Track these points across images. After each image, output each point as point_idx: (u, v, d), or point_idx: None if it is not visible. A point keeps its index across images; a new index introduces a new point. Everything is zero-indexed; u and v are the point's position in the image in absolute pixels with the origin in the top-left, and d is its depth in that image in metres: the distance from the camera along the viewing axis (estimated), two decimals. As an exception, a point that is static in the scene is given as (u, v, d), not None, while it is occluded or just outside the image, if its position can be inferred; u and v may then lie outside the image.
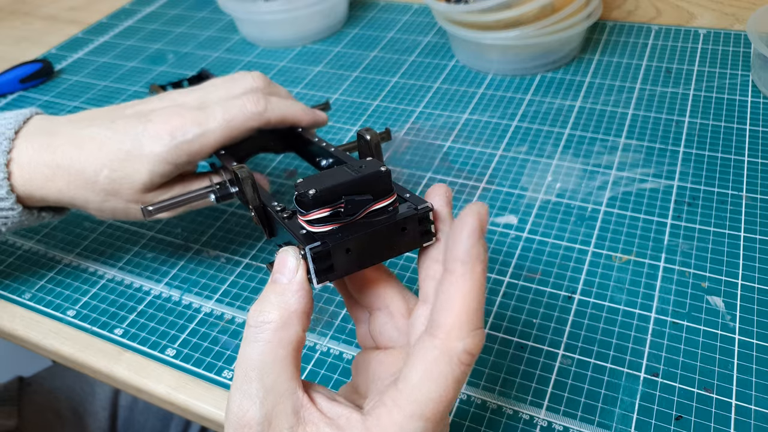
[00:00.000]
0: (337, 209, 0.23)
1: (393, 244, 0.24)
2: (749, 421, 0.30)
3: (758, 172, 0.44)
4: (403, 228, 0.24)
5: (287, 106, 0.35)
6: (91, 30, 0.76)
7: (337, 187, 0.23)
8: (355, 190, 0.24)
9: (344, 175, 0.24)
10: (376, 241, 0.24)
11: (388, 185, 0.24)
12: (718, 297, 0.36)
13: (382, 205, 0.24)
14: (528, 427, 0.31)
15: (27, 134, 0.34)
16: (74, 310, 0.40)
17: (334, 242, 0.23)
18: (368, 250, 0.24)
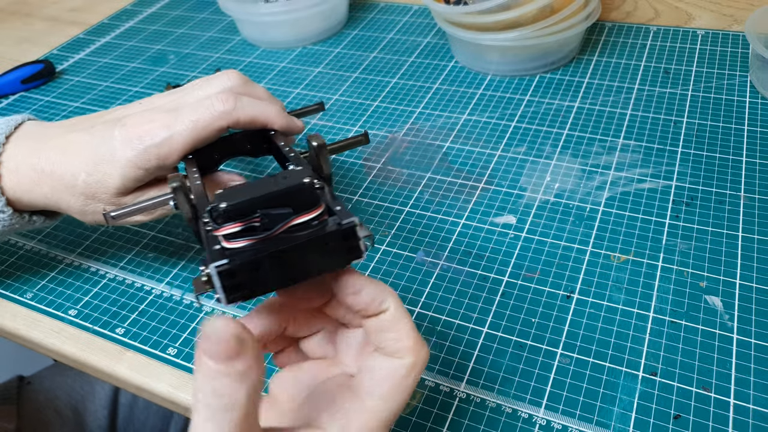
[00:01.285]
0: (252, 223, 0.22)
1: (316, 262, 0.22)
2: (747, 420, 0.30)
3: (756, 173, 0.44)
4: (325, 244, 0.22)
5: (259, 107, 0.34)
6: (92, 31, 0.76)
7: (253, 201, 0.22)
8: (274, 203, 0.22)
9: (265, 187, 0.22)
10: (295, 257, 0.22)
11: (312, 198, 0.22)
12: (717, 296, 0.36)
13: (304, 219, 0.22)
14: (527, 426, 0.31)
15: (17, 139, 0.35)
16: (76, 309, 0.40)
17: (243, 259, 0.21)
18: (287, 267, 0.22)
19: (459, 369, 0.34)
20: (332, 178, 0.29)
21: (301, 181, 0.22)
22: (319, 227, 0.22)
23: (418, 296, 0.38)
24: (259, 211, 0.22)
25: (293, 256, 0.22)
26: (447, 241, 0.42)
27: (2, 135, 0.35)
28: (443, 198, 0.45)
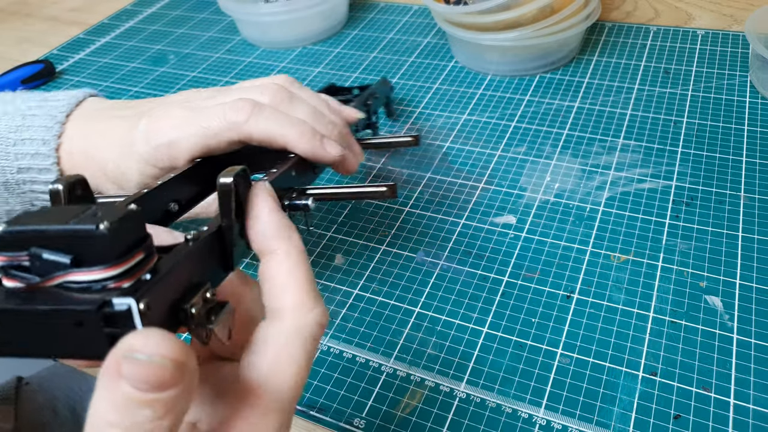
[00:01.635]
0: (20, 261, 0.17)
1: (65, 340, 0.16)
2: (747, 420, 0.30)
3: (756, 173, 0.44)
4: (78, 323, 0.16)
5: (277, 124, 0.30)
6: (92, 31, 0.76)
7: (34, 233, 0.16)
8: (59, 244, 0.16)
9: (61, 218, 0.17)
10: (35, 326, 0.16)
11: (106, 252, 0.16)
12: (717, 296, 0.36)
13: (81, 278, 0.16)
14: (527, 426, 0.31)
15: (75, 119, 0.34)
16: (75, 309, 0.40)
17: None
18: (27, 334, 0.16)
19: (459, 369, 0.34)
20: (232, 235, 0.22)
21: (95, 227, 0.16)
22: (90, 294, 0.16)
23: (418, 296, 0.38)
24: (32, 250, 0.16)
25: (35, 323, 0.16)
26: (447, 241, 0.42)
27: (63, 114, 0.33)
28: (443, 198, 0.45)
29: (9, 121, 0.33)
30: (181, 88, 0.62)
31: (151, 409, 0.15)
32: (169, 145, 0.30)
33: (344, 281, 0.40)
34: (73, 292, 0.16)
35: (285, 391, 0.19)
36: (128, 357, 0.15)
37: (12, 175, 0.33)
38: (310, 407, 0.33)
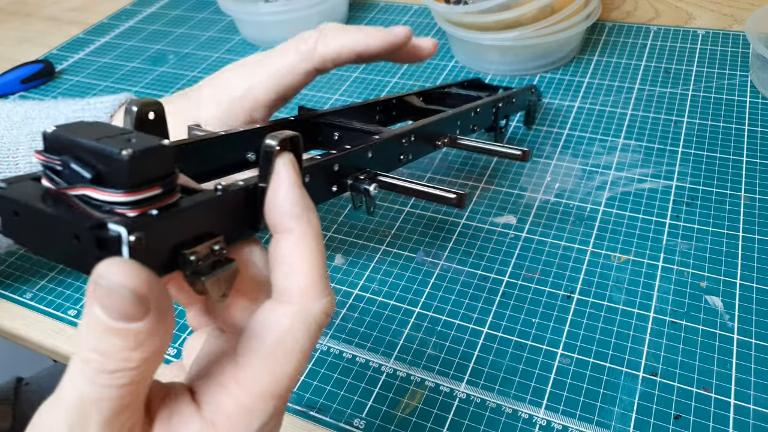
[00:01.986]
0: (54, 165, 0.18)
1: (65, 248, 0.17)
2: (748, 421, 0.30)
3: (756, 172, 0.44)
4: (75, 236, 0.16)
5: (345, 34, 0.31)
6: (92, 30, 0.76)
7: (70, 142, 0.17)
8: (87, 157, 0.17)
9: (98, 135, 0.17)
10: (45, 227, 0.17)
11: (122, 178, 0.17)
12: (717, 297, 0.36)
13: (94, 195, 0.17)
14: (527, 426, 0.31)
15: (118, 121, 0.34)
16: (75, 309, 0.40)
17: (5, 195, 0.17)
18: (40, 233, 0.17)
19: (459, 369, 0.34)
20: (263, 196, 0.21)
21: (119, 151, 0.16)
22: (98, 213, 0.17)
23: (418, 296, 0.38)
24: (64, 158, 0.17)
25: (45, 225, 0.17)
26: (447, 241, 0.42)
27: (108, 114, 0.34)
28: (443, 198, 0.45)
29: (53, 122, 0.33)
30: (180, 88, 0.62)
31: (120, 339, 0.15)
32: (244, 97, 0.30)
33: (344, 281, 0.40)
34: (88, 207, 0.17)
35: (284, 377, 0.18)
36: (95, 282, 0.15)
37: None
38: (309, 407, 0.33)
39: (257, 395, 0.18)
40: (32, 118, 0.34)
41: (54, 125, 0.18)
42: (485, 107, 0.41)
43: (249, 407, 0.18)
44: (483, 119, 0.41)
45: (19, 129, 0.33)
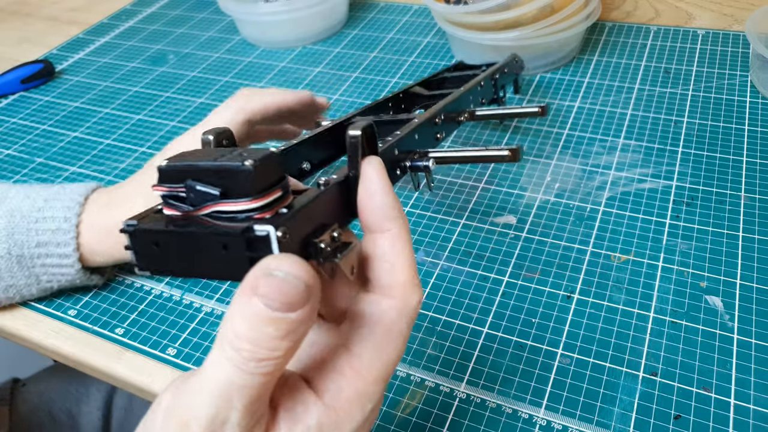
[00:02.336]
0: (177, 192, 0.19)
1: (216, 262, 0.18)
2: (748, 420, 0.30)
3: (756, 172, 0.44)
4: (224, 246, 0.18)
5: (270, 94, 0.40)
6: (92, 31, 0.76)
7: (188, 168, 0.19)
8: (208, 178, 0.18)
9: (209, 157, 0.19)
10: (189, 247, 0.18)
11: (250, 187, 0.18)
12: (717, 297, 0.36)
13: (228, 208, 0.18)
14: (527, 426, 0.31)
15: (91, 201, 0.38)
16: (75, 309, 0.40)
17: (143, 228, 0.19)
18: (183, 255, 0.19)
19: (459, 369, 0.34)
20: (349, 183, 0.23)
21: (239, 164, 0.18)
22: (235, 223, 0.18)
23: (418, 296, 0.38)
24: (187, 182, 0.19)
25: (191, 246, 0.18)
26: (447, 241, 0.42)
27: (81, 196, 0.38)
28: (443, 198, 0.45)
29: (32, 203, 0.37)
30: (180, 88, 0.62)
31: (275, 328, 0.17)
32: None
33: (344, 281, 0.40)
34: (221, 221, 0.18)
35: (391, 362, 0.21)
36: (267, 274, 0.17)
37: (29, 249, 0.36)
38: (310, 407, 0.33)
39: (371, 380, 0.20)
40: (10, 198, 0.37)
41: (164, 160, 0.20)
42: (486, 80, 0.44)
43: (364, 391, 0.20)
44: (487, 92, 0.45)
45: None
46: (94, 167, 0.52)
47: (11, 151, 0.56)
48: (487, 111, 0.41)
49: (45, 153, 0.55)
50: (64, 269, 0.37)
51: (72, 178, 0.51)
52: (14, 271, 0.37)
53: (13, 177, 0.52)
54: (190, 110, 0.58)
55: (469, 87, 0.41)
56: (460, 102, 0.39)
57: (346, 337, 0.21)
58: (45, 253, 0.36)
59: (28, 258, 0.36)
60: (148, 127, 0.57)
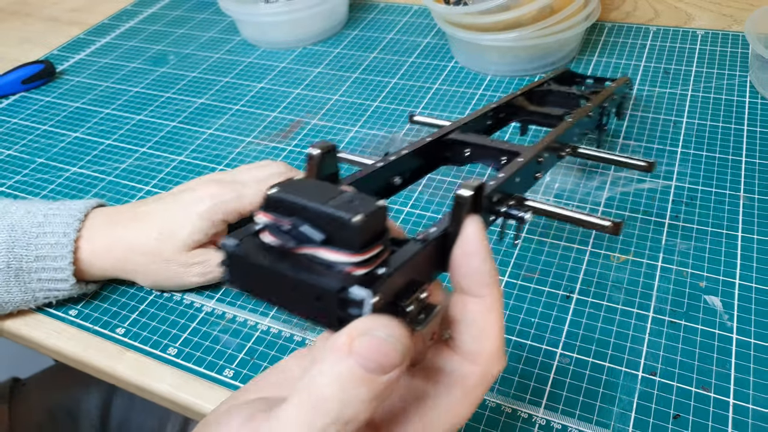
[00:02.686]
0: (282, 224, 0.19)
1: (307, 305, 0.19)
2: (747, 420, 0.30)
3: (756, 173, 0.44)
4: (317, 297, 0.18)
5: None
6: (92, 31, 0.76)
7: (296, 205, 0.19)
8: (315, 219, 0.19)
9: (321, 196, 0.19)
10: (283, 284, 0.19)
11: (353, 241, 0.18)
12: (716, 296, 0.36)
13: (327, 257, 0.18)
14: (527, 426, 0.31)
15: (93, 217, 0.39)
16: (76, 309, 0.40)
17: (241, 254, 0.19)
18: (275, 288, 0.19)
19: (459, 369, 0.34)
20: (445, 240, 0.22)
21: (344, 216, 0.18)
22: (331, 274, 0.18)
23: (418, 296, 0.38)
24: (293, 219, 0.19)
25: (282, 283, 0.19)
26: (447, 241, 0.42)
27: (82, 212, 0.39)
28: (443, 198, 0.45)
29: (32, 218, 0.38)
30: (181, 89, 0.62)
31: (367, 389, 0.17)
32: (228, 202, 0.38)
33: (344, 281, 0.40)
34: (317, 265, 0.19)
35: (457, 424, 0.21)
36: (366, 334, 0.17)
37: (28, 263, 0.37)
38: (310, 407, 0.33)
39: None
40: (11, 213, 0.38)
41: (275, 185, 0.20)
42: (595, 110, 0.41)
43: None
44: (593, 121, 0.42)
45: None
46: (94, 167, 0.53)
47: (12, 151, 0.56)
48: (591, 151, 0.37)
49: (46, 153, 0.55)
50: (59, 284, 0.38)
51: (72, 178, 0.52)
52: (11, 286, 0.37)
53: (14, 177, 0.52)
54: (191, 111, 0.59)
55: (578, 118, 0.38)
56: (566, 136, 0.36)
57: (421, 390, 0.21)
58: (42, 267, 0.37)
59: (26, 272, 0.37)
60: (149, 128, 0.57)
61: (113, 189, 0.50)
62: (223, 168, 0.51)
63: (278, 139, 0.53)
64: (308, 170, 0.24)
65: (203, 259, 0.38)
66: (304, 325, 0.37)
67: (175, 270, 0.38)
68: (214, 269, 0.38)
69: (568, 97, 0.45)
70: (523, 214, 0.28)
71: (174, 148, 0.54)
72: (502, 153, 0.32)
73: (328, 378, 0.17)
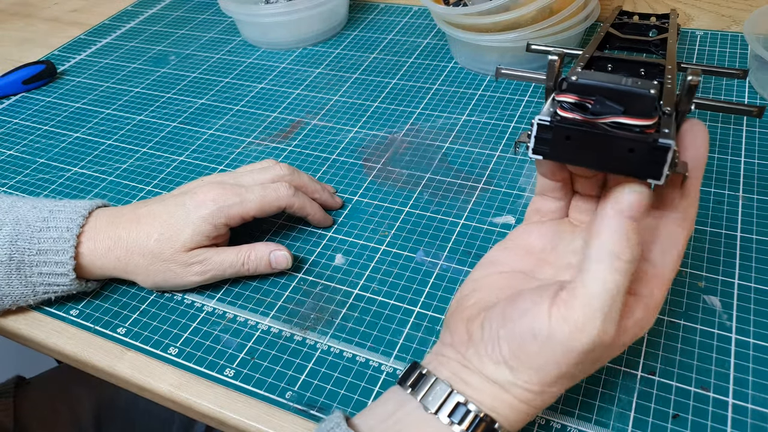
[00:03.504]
0: (585, 103, 0.25)
1: (614, 159, 0.24)
2: (746, 420, 0.30)
3: (754, 173, 0.44)
4: (630, 149, 0.24)
5: (309, 205, 0.42)
6: (93, 32, 0.76)
7: (597, 87, 0.24)
8: (613, 97, 0.24)
9: (614, 80, 0.24)
10: (600, 146, 0.24)
11: (647, 108, 0.24)
12: (715, 296, 0.36)
13: (629, 122, 0.24)
14: (526, 426, 0.31)
15: (95, 217, 0.40)
16: (77, 309, 0.40)
17: (560, 125, 0.25)
18: (588, 149, 0.24)
19: (458, 368, 0.34)
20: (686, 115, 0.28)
21: (643, 91, 0.24)
22: (636, 134, 0.23)
23: (417, 296, 0.38)
24: (596, 97, 0.24)
25: (599, 144, 0.24)
26: (447, 241, 0.42)
27: (86, 210, 0.39)
28: (443, 198, 0.45)
29: (38, 213, 0.39)
30: (181, 89, 0.62)
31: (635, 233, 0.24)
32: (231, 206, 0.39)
33: (344, 281, 0.40)
34: (620, 130, 0.24)
35: None
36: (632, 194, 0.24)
37: (30, 256, 0.37)
38: (310, 406, 0.33)
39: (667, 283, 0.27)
40: (18, 207, 0.39)
41: (573, 74, 0.25)
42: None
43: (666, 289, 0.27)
44: None
45: (5, 214, 0.38)
46: (95, 168, 0.53)
47: (13, 151, 0.56)
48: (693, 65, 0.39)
49: (47, 153, 0.55)
50: (59, 278, 0.38)
51: (74, 178, 0.52)
52: (12, 278, 0.37)
53: (15, 177, 0.53)
54: (191, 111, 0.59)
55: (675, 40, 0.43)
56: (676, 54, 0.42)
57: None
58: (44, 261, 0.37)
59: (27, 265, 0.37)
60: (150, 128, 0.57)
61: (114, 189, 0.50)
62: (223, 168, 0.51)
63: (278, 139, 0.54)
64: (548, 73, 0.29)
65: (202, 258, 0.38)
66: (304, 325, 0.37)
67: (175, 270, 0.38)
68: (213, 268, 0.38)
69: (640, 27, 0.55)
70: None
71: (174, 148, 0.54)
72: (641, 65, 0.37)
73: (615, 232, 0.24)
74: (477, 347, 0.27)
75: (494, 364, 0.26)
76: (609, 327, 0.24)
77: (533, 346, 0.25)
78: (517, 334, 0.25)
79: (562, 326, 0.24)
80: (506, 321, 0.26)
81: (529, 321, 0.25)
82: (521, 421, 0.26)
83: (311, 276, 0.41)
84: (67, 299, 0.41)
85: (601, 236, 0.24)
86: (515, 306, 0.26)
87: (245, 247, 0.39)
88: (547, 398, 0.26)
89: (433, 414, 0.26)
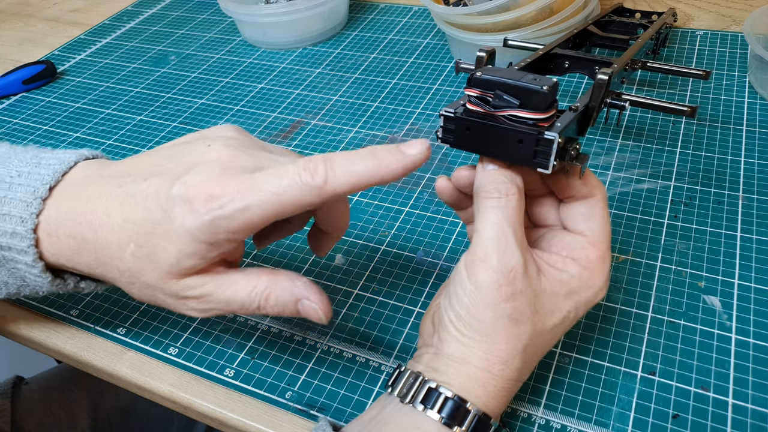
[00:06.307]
0: (486, 96, 0.27)
1: (508, 149, 0.27)
2: (746, 420, 0.30)
3: (754, 173, 0.44)
4: (520, 141, 0.26)
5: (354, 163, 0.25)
6: (93, 32, 0.76)
7: (496, 82, 0.27)
8: (511, 91, 0.26)
9: (514, 77, 0.27)
10: (493, 135, 0.27)
11: (542, 104, 0.26)
12: (715, 296, 0.36)
13: (524, 115, 0.26)
14: (526, 425, 0.31)
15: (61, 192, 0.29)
16: (77, 309, 0.40)
17: (459, 115, 0.28)
18: (486, 139, 0.27)
19: (458, 368, 0.34)
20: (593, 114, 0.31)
21: (536, 87, 0.26)
22: (527, 126, 0.26)
23: (417, 296, 0.38)
24: (496, 91, 0.27)
25: (495, 135, 0.27)
26: (447, 241, 0.42)
27: (46, 186, 0.29)
28: (443, 198, 0.45)
29: (28, 161, 0.29)
30: (181, 89, 0.62)
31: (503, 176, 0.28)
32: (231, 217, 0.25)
33: (344, 281, 0.40)
34: (514, 123, 0.27)
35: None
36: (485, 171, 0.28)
37: None
38: (310, 406, 0.33)
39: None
40: (10, 157, 0.30)
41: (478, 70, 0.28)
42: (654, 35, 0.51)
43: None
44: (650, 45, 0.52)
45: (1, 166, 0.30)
46: (95, 168, 0.53)
47: (13, 151, 0.56)
48: (655, 64, 0.46)
49: (47, 154, 0.55)
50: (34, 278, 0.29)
51: (73, 178, 0.52)
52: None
53: (15, 178, 0.52)
54: (191, 111, 0.59)
55: (647, 39, 0.48)
56: (639, 53, 0.46)
57: None
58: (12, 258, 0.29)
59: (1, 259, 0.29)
60: (150, 128, 0.57)
61: (114, 189, 0.50)
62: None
63: (278, 139, 0.54)
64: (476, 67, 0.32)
65: (200, 293, 0.27)
66: (304, 325, 0.37)
67: (166, 300, 0.28)
68: (216, 307, 0.28)
69: (626, 26, 0.56)
70: (623, 104, 0.36)
71: (174, 148, 0.54)
72: (596, 63, 0.42)
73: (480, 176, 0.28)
74: (440, 333, 0.28)
75: (455, 342, 0.27)
76: (508, 254, 0.26)
77: (465, 303, 0.27)
78: (455, 302, 0.27)
79: (472, 271, 0.27)
80: (449, 297, 0.28)
81: (456, 285, 0.28)
82: (493, 396, 0.27)
83: (311, 276, 0.41)
84: (68, 299, 0.41)
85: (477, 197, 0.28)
86: (451, 282, 0.28)
87: (262, 280, 0.27)
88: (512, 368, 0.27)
89: (408, 404, 0.27)
